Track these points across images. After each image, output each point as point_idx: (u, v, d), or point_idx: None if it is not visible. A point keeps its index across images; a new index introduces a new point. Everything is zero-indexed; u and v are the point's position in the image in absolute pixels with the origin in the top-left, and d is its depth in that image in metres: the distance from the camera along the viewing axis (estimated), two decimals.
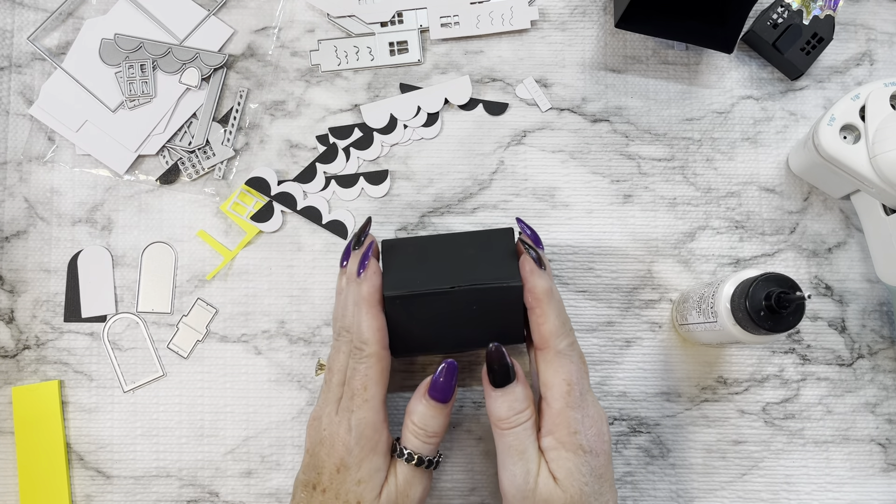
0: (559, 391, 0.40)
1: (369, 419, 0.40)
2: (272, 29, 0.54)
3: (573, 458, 0.39)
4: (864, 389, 0.52)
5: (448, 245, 0.44)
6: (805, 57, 0.52)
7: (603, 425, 0.41)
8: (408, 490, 0.41)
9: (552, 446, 0.40)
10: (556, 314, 0.41)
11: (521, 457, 0.40)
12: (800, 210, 0.53)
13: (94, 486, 0.50)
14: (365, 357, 0.41)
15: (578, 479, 0.39)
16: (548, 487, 0.39)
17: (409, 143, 0.53)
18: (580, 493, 0.39)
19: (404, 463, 0.41)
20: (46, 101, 0.52)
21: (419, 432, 0.41)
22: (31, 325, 0.51)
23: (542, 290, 0.41)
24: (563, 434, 0.40)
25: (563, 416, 0.40)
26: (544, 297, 0.41)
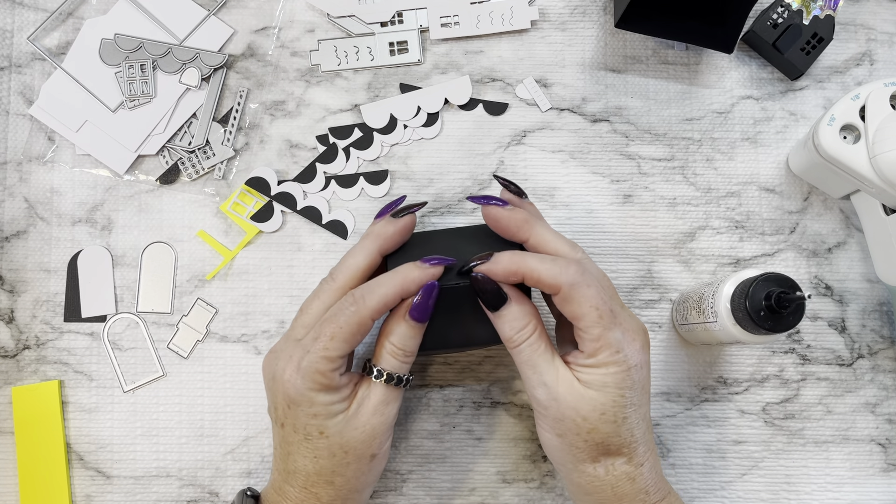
0: (590, 319, 0.39)
1: (319, 366, 0.39)
2: (272, 29, 0.54)
3: (616, 373, 0.39)
4: (864, 389, 0.52)
5: (449, 241, 0.44)
6: (805, 57, 0.52)
7: (643, 336, 0.41)
8: (382, 409, 0.41)
9: (591, 364, 0.40)
10: (538, 262, 0.40)
11: (535, 370, 0.40)
12: (800, 210, 0.53)
13: (94, 486, 0.50)
14: (352, 312, 0.40)
15: (614, 392, 0.39)
16: (573, 394, 0.39)
17: (409, 143, 0.53)
18: (613, 403, 0.39)
19: (381, 383, 0.41)
20: (46, 101, 0.52)
21: (398, 352, 0.41)
22: (31, 325, 0.51)
23: (506, 270, 0.40)
24: (607, 355, 0.39)
25: (603, 339, 0.39)
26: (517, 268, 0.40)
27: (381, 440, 0.41)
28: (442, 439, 0.51)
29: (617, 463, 0.40)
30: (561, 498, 0.51)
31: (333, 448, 0.40)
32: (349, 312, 0.40)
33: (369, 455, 0.41)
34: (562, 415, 0.40)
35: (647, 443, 0.41)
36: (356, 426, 0.40)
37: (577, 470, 0.40)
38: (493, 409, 0.51)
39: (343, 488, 0.41)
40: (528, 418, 0.51)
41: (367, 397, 0.41)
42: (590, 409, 0.39)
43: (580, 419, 0.39)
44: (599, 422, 0.39)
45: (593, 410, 0.39)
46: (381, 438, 0.41)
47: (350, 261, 0.43)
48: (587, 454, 0.40)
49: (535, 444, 0.51)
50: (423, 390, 0.51)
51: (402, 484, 0.50)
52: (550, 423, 0.40)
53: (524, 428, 0.51)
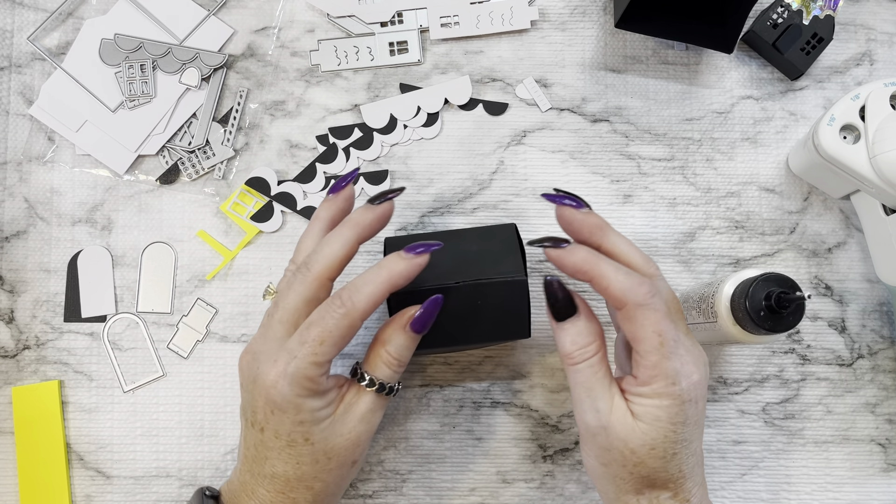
0: (650, 345, 0.37)
1: (308, 372, 0.37)
2: (272, 29, 0.54)
3: (669, 406, 0.37)
4: (864, 389, 0.52)
5: (451, 241, 0.44)
6: (805, 57, 0.52)
7: (703, 369, 0.38)
8: (370, 416, 0.40)
9: (644, 393, 0.38)
10: (613, 271, 0.38)
11: (589, 394, 0.38)
12: (800, 210, 0.53)
13: (94, 486, 0.50)
14: (343, 312, 0.38)
15: (666, 427, 0.37)
16: (625, 426, 0.37)
17: (409, 143, 0.53)
18: (664, 438, 0.37)
19: (372, 392, 0.40)
20: (46, 101, 0.52)
21: (393, 362, 0.40)
22: (31, 325, 0.51)
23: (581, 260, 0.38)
24: (661, 386, 0.37)
25: (659, 368, 0.37)
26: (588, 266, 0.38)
27: (364, 447, 0.41)
28: (442, 439, 0.51)
29: (662, 497, 0.38)
30: (561, 498, 0.51)
31: (317, 454, 0.39)
32: (338, 315, 0.38)
33: (351, 461, 0.40)
34: (609, 445, 0.38)
35: (695, 477, 0.39)
36: (342, 433, 0.39)
37: (620, 500, 0.39)
38: (493, 409, 0.51)
39: (322, 493, 0.40)
40: (529, 418, 0.51)
41: (356, 404, 0.40)
42: (639, 443, 0.37)
43: (628, 452, 0.38)
44: (648, 456, 0.37)
45: (643, 445, 0.37)
46: (364, 445, 0.40)
47: (327, 250, 0.40)
48: (631, 486, 0.38)
49: (535, 444, 0.51)
50: (423, 390, 0.51)
51: (402, 484, 0.50)
52: (596, 451, 0.39)
53: (524, 428, 0.51)
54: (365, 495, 0.50)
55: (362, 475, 0.50)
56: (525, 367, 0.51)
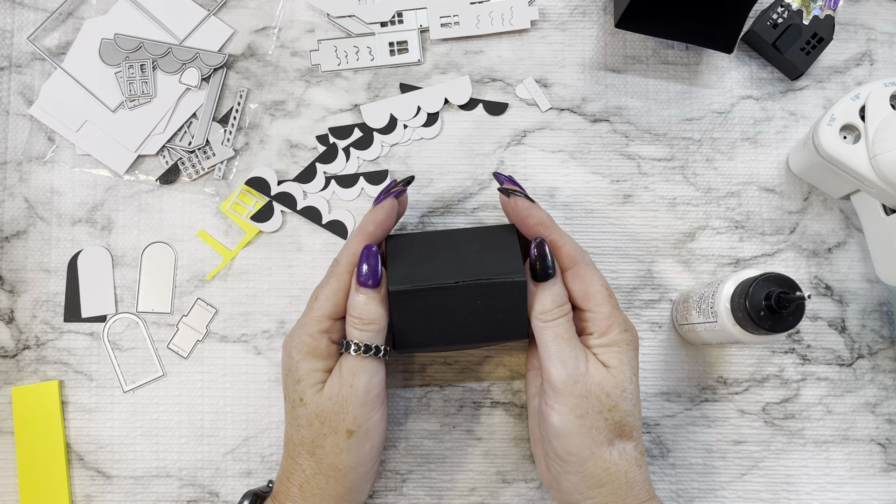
0: (601, 297, 0.43)
1: (308, 328, 0.42)
2: (272, 29, 0.54)
3: (626, 350, 0.42)
4: (864, 389, 0.52)
5: (452, 241, 0.44)
6: (805, 57, 0.52)
7: None
8: (350, 380, 0.41)
9: (604, 343, 0.42)
10: (567, 235, 0.44)
11: (569, 343, 0.42)
12: (800, 210, 0.53)
13: (94, 486, 0.50)
14: (331, 274, 0.43)
15: (629, 369, 0.42)
16: (599, 372, 0.41)
17: (409, 143, 0.53)
18: (629, 380, 0.42)
19: (349, 355, 0.42)
20: (46, 101, 0.52)
21: (356, 322, 0.42)
22: (31, 325, 0.51)
23: (547, 217, 0.44)
24: (617, 333, 0.42)
25: (613, 318, 0.42)
26: (552, 223, 0.44)
27: (354, 414, 0.41)
28: (442, 439, 0.51)
29: (627, 447, 0.41)
30: None
31: (311, 417, 0.41)
32: (330, 274, 0.43)
33: (344, 430, 0.41)
34: (587, 391, 0.41)
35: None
36: (329, 396, 0.41)
37: (595, 456, 0.41)
38: (493, 409, 0.51)
39: (322, 462, 0.41)
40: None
41: (339, 368, 0.42)
42: (612, 385, 0.41)
43: (604, 395, 0.41)
44: (620, 399, 0.41)
45: (616, 387, 0.41)
46: (354, 412, 0.41)
47: (350, 245, 0.44)
48: (605, 436, 0.41)
49: None
50: (423, 390, 0.51)
51: (402, 484, 0.50)
52: (573, 403, 0.41)
53: (524, 428, 0.51)
54: None
55: None
56: (525, 367, 0.51)
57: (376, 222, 0.44)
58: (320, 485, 0.41)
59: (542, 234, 0.44)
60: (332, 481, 0.41)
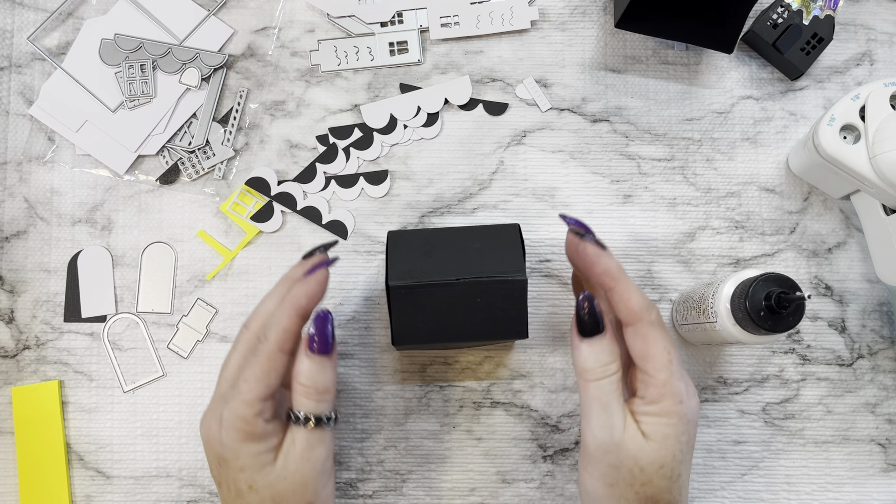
0: (661, 361, 0.39)
1: (240, 412, 0.38)
2: (272, 29, 0.54)
3: (676, 424, 0.39)
4: (864, 389, 0.52)
5: (454, 238, 0.44)
6: (805, 57, 0.52)
7: (698, 397, 0.41)
8: (308, 454, 0.39)
9: (652, 412, 0.39)
10: (636, 288, 0.40)
11: (605, 410, 0.39)
12: (800, 210, 0.53)
13: (94, 486, 0.50)
14: (259, 350, 0.39)
15: (674, 445, 0.38)
16: (636, 443, 0.38)
17: (409, 143, 0.53)
18: (672, 457, 0.38)
19: (301, 427, 0.39)
20: (46, 101, 0.52)
21: (309, 391, 0.39)
22: (31, 325, 0.51)
23: (616, 267, 0.40)
24: (670, 404, 0.38)
25: (668, 386, 0.39)
26: (620, 274, 0.40)
27: (314, 487, 0.39)
28: (442, 439, 0.51)
29: None
30: (561, 498, 0.51)
31: (265, 502, 0.38)
32: (257, 351, 0.39)
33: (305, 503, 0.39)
34: (620, 462, 0.38)
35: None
36: (285, 476, 0.38)
37: None
38: (493, 409, 0.51)
39: None
40: (529, 418, 0.51)
41: (293, 444, 0.39)
42: (649, 460, 0.38)
43: (637, 470, 0.38)
44: (656, 475, 0.38)
45: (652, 463, 0.38)
46: (314, 485, 0.39)
47: (262, 308, 0.41)
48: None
49: (535, 444, 0.51)
50: (423, 390, 0.51)
51: (402, 484, 0.50)
52: (603, 470, 0.39)
53: (524, 428, 0.51)
54: (365, 495, 0.50)
55: (362, 475, 0.50)
56: (525, 367, 0.51)
57: (309, 296, 0.40)
58: None
59: (608, 284, 0.40)
60: None
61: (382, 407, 0.51)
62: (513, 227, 0.45)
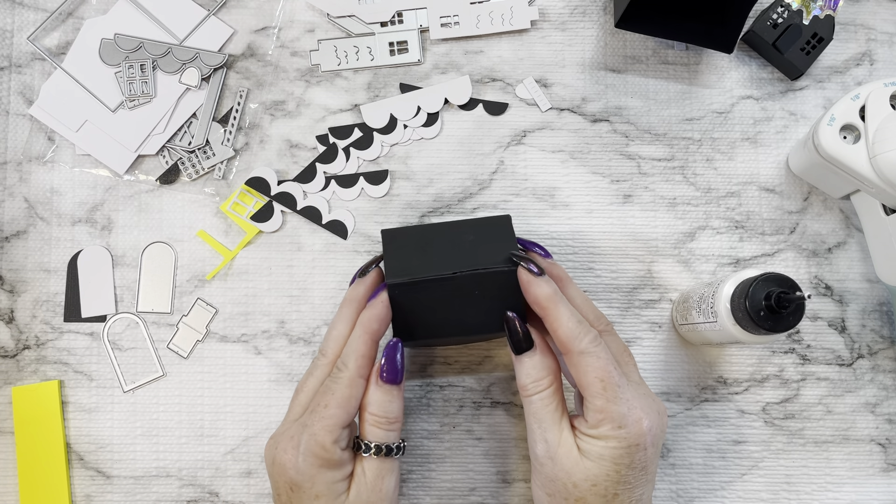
0: (594, 389, 0.39)
1: (319, 438, 0.39)
2: (272, 29, 0.54)
3: (615, 448, 0.39)
4: (864, 389, 0.52)
5: (448, 233, 0.44)
6: (805, 57, 0.52)
7: (654, 417, 0.40)
8: (379, 484, 0.40)
9: (592, 434, 0.39)
10: (567, 316, 0.40)
11: (540, 425, 0.40)
12: (800, 210, 0.53)
13: (94, 486, 0.50)
14: (340, 378, 0.40)
15: (609, 466, 0.39)
16: (570, 460, 0.39)
17: (409, 143, 0.53)
18: (606, 477, 0.39)
19: (371, 457, 0.40)
20: (46, 101, 0.52)
21: (380, 421, 0.40)
22: (31, 325, 0.51)
23: (543, 296, 0.41)
24: (607, 429, 0.39)
25: (606, 412, 0.39)
26: (548, 303, 0.41)
27: None
28: (442, 439, 0.51)
29: None
30: None
31: None
32: (337, 379, 0.40)
33: None
34: (555, 476, 0.39)
35: None
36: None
37: None
38: (493, 409, 0.51)
39: None
40: None
41: (363, 475, 0.40)
42: (582, 477, 0.39)
43: (571, 485, 0.39)
44: (589, 492, 0.39)
45: (585, 480, 0.39)
46: None
47: (334, 332, 0.43)
48: None
49: None
50: (424, 390, 0.51)
51: (402, 484, 0.50)
52: (542, 481, 0.40)
53: (524, 428, 0.51)
54: None
55: None
56: None
57: (380, 320, 0.41)
58: None
59: (540, 314, 0.41)
60: None
61: None
62: (505, 219, 0.45)
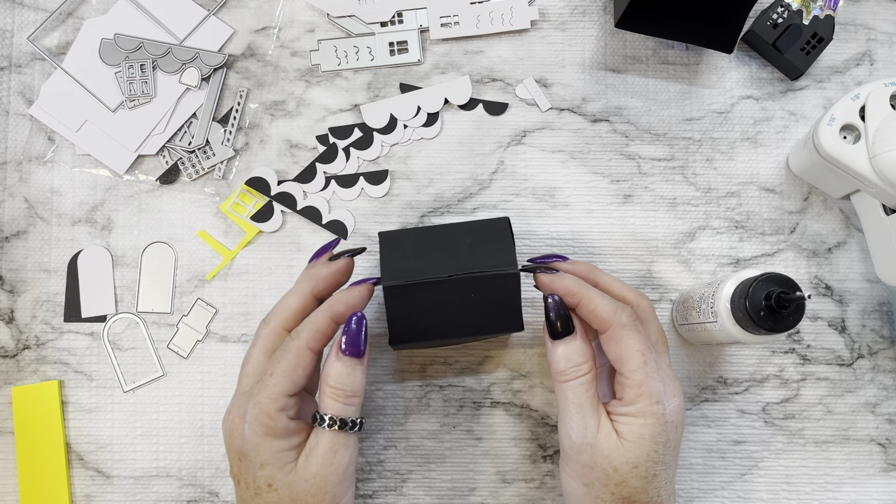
0: (635, 364, 0.39)
1: (264, 406, 0.38)
2: (272, 29, 0.54)
3: (653, 425, 0.39)
4: (864, 389, 0.52)
5: (445, 235, 0.44)
6: (805, 57, 0.52)
7: (682, 399, 0.40)
8: (331, 457, 0.38)
9: (628, 412, 0.39)
10: (600, 296, 0.41)
11: (579, 410, 0.40)
12: (800, 210, 0.53)
13: (94, 486, 0.50)
14: (289, 347, 0.39)
15: (649, 446, 0.39)
16: (609, 444, 0.39)
17: (409, 143, 0.53)
18: (647, 457, 0.39)
19: (326, 429, 0.39)
20: (46, 101, 0.52)
21: (338, 393, 0.39)
22: (31, 325, 0.51)
23: (573, 283, 0.41)
24: (646, 405, 0.39)
25: (644, 387, 0.39)
26: (580, 288, 0.41)
27: (334, 492, 0.39)
28: (442, 439, 0.51)
29: None
30: (561, 498, 0.51)
31: (283, 502, 0.38)
32: (286, 347, 0.39)
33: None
34: (594, 462, 0.39)
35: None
36: (305, 478, 0.38)
37: None
38: (493, 409, 0.51)
39: None
40: (529, 418, 0.51)
41: (316, 447, 0.39)
42: (623, 461, 0.38)
43: (611, 470, 0.38)
44: (630, 475, 0.38)
45: (626, 463, 0.38)
46: (333, 490, 0.39)
47: (283, 303, 0.42)
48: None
49: (535, 444, 0.51)
50: (424, 390, 0.51)
51: (402, 484, 0.50)
52: (579, 470, 0.39)
53: (524, 428, 0.51)
54: (365, 495, 0.50)
55: (362, 475, 0.50)
56: (525, 367, 0.51)
57: (350, 305, 0.41)
58: None
59: (572, 303, 0.41)
60: None
61: (382, 407, 0.51)
62: (502, 221, 0.45)
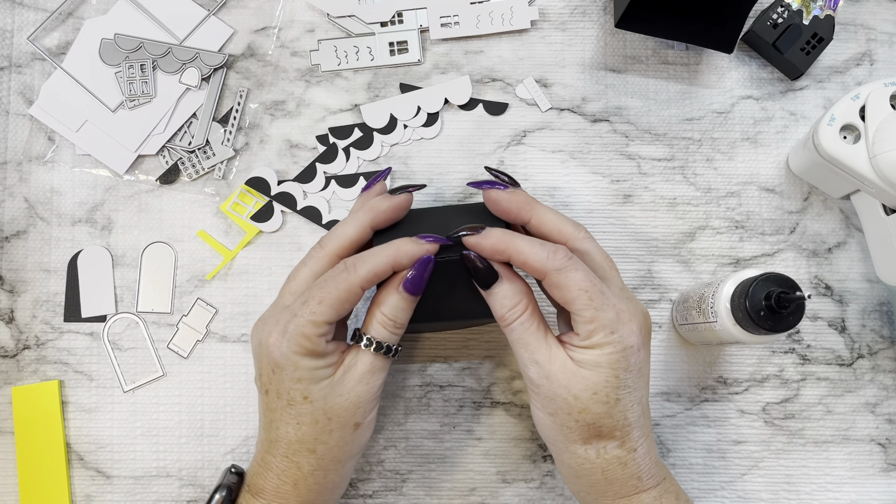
0: (581, 303, 0.39)
1: (306, 330, 0.39)
2: (272, 29, 0.54)
3: (610, 353, 0.39)
4: (864, 389, 0.52)
5: (439, 217, 0.44)
6: (805, 57, 0.52)
7: (642, 319, 0.40)
8: (369, 377, 0.40)
9: (585, 346, 0.39)
10: (527, 244, 0.40)
11: (526, 349, 0.40)
12: (800, 210, 0.53)
13: (94, 486, 0.50)
14: (342, 279, 0.40)
15: (607, 372, 0.39)
16: (566, 373, 0.39)
17: (409, 143, 0.53)
18: (606, 383, 0.39)
19: (367, 351, 0.41)
20: (46, 101, 0.52)
21: (388, 322, 0.41)
22: (31, 325, 0.51)
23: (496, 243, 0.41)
24: (601, 337, 0.39)
25: (596, 321, 0.39)
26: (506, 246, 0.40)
27: (365, 409, 0.41)
28: (442, 439, 0.51)
29: (609, 446, 0.40)
30: (561, 498, 0.51)
31: (317, 414, 0.40)
32: (339, 279, 0.40)
33: (353, 424, 0.40)
34: (553, 393, 0.40)
35: (641, 427, 0.41)
36: (341, 393, 0.40)
37: (568, 451, 0.40)
38: (493, 409, 0.51)
39: (325, 457, 0.40)
40: (529, 418, 0.51)
41: (355, 365, 0.40)
42: (581, 387, 0.39)
43: (571, 398, 0.39)
44: (591, 402, 0.39)
45: (585, 389, 0.39)
46: (365, 407, 0.41)
47: (340, 230, 0.43)
48: (578, 434, 0.40)
49: (535, 444, 0.51)
50: (423, 390, 0.51)
51: (402, 484, 0.50)
52: (542, 402, 0.40)
53: (524, 428, 0.51)
54: (365, 495, 0.50)
55: (362, 475, 0.50)
56: None
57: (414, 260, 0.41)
58: (318, 480, 0.41)
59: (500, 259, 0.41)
60: (332, 473, 0.41)
61: (382, 407, 0.51)
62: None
